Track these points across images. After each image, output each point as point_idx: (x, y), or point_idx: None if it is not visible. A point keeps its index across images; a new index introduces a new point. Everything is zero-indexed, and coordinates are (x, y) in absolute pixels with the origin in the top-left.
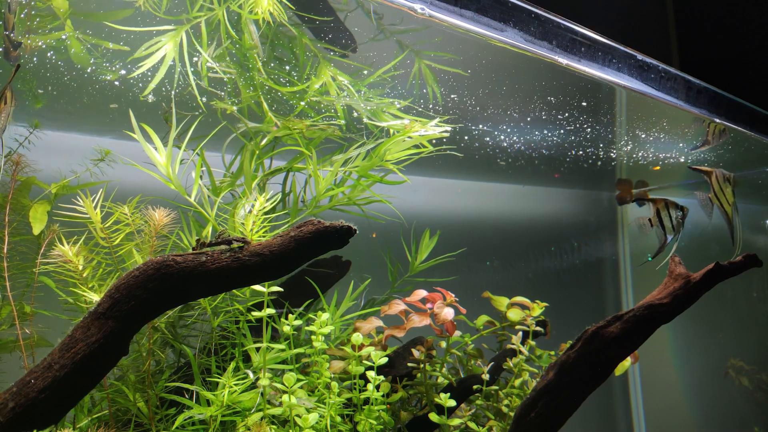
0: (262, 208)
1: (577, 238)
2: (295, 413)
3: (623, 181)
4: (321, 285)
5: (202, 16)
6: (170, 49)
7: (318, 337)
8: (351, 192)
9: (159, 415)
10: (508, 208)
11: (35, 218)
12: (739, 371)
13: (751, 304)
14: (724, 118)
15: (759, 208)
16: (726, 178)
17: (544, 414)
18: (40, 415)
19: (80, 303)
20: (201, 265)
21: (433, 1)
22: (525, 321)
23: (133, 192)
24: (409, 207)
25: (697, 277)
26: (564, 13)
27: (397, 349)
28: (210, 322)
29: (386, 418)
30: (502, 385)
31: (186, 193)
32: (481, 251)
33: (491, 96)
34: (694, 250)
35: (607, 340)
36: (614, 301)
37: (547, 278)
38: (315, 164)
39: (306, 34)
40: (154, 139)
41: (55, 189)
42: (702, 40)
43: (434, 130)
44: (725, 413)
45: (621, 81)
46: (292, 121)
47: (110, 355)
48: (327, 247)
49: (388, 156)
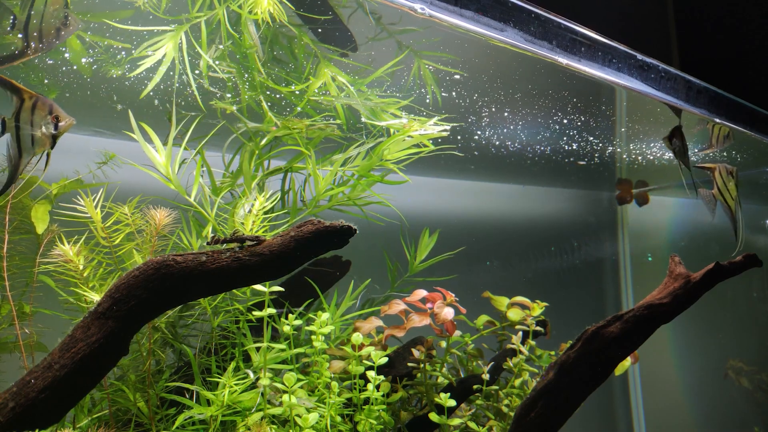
0: (262, 208)
1: (577, 238)
2: (295, 413)
3: (623, 181)
4: (321, 285)
5: (202, 16)
6: (170, 48)
7: (318, 336)
8: (351, 192)
9: (159, 415)
10: (508, 208)
11: (37, 218)
12: (739, 372)
13: (751, 304)
14: (724, 118)
15: (759, 208)
16: (729, 172)
17: (544, 414)
18: (41, 415)
19: (80, 303)
20: (201, 265)
21: (433, 1)
22: (525, 321)
23: (133, 192)
24: (409, 207)
25: (697, 277)
26: (564, 13)
27: (397, 349)
28: (210, 321)
29: (386, 418)
30: (502, 385)
31: (186, 193)
32: (481, 251)
33: (491, 95)
34: (694, 250)
35: (607, 340)
36: (614, 301)
37: (547, 278)
38: (314, 164)
39: (306, 34)
40: (153, 139)
41: (56, 189)
42: (702, 40)
43: (433, 129)
44: (725, 413)
45: (621, 81)
46: (291, 121)
47: (110, 355)
48: (327, 247)
49: (387, 155)
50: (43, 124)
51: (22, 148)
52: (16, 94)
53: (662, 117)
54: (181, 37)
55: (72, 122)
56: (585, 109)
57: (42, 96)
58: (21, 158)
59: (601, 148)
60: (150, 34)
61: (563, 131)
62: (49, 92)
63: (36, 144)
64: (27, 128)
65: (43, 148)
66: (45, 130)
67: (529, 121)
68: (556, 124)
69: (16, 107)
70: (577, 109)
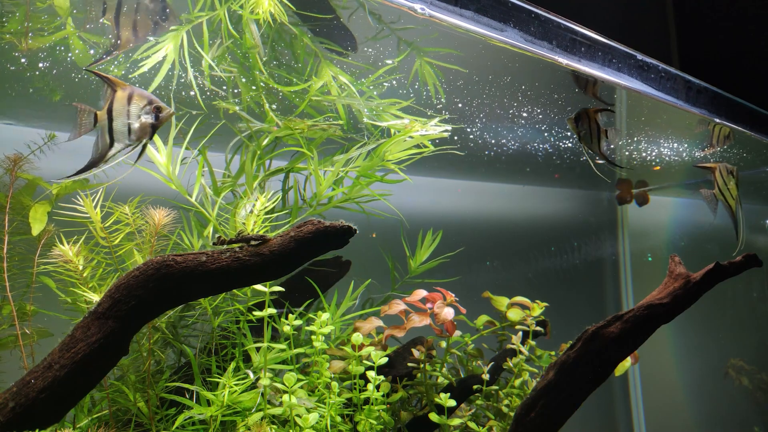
0: (264, 208)
1: (577, 238)
2: (296, 413)
3: (623, 181)
4: (321, 285)
5: (204, 16)
6: (171, 49)
7: (318, 337)
8: (351, 192)
9: (159, 415)
10: (508, 208)
11: (35, 218)
12: (739, 371)
13: (751, 304)
14: (725, 118)
15: (759, 208)
16: (729, 171)
17: (544, 414)
18: (41, 414)
19: (80, 303)
20: (201, 265)
21: (433, 1)
22: (525, 321)
23: (133, 192)
24: (409, 207)
25: (697, 277)
26: (564, 13)
27: (397, 349)
28: (210, 322)
29: (386, 418)
30: (502, 385)
31: (187, 192)
32: (481, 251)
33: (491, 96)
34: (694, 250)
35: (607, 340)
36: (614, 301)
37: (547, 278)
38: (316, 164)
39: (306, 34)
40: (154, 138)
41: (56, 189)
42: (702, 40)
43: (435, 129)
44: (725, 413)
45: (621, 81)
46: (293, 121)
47: (110, 355)
48: (327, 247)
49: (388, 156)
50: (143, 114)
51: (116, 138)
52: (110, 86)
53: (665, 115)
54: (182, 37)
55: (172, 112)
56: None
57: (137, 88)
58: (110, 148)
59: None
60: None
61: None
62: (53, 94)
63: (134, 134)
64: (122, 119)
65: (142, 138)
66: (145, 120)
67: (529, 120)
68: (556, 123)
69: (108, 99)
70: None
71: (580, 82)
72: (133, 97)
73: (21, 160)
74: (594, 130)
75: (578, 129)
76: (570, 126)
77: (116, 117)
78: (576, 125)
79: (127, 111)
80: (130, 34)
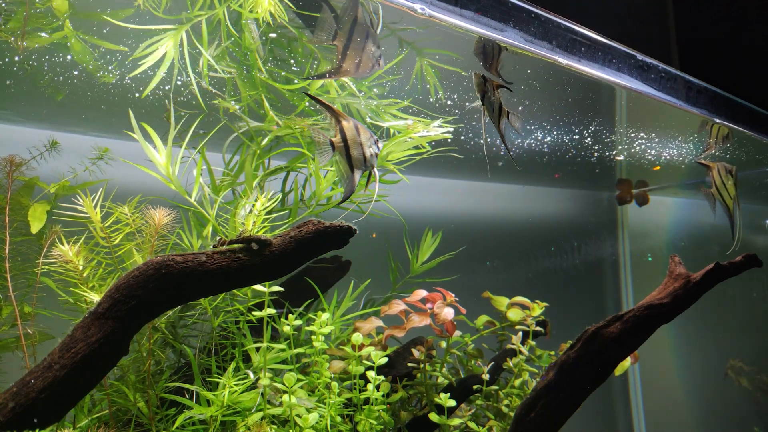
0: (264, 208)
1: (577, 238)
2: (295, 413)
3: (623, 181)
4: (321, 285)
5: (203, 15)
6: (170, 47)
7: (318, 337)
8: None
9: (159, 415)
10: (508, 208)
11: (34, 217)
12: (739, 372)
13: (751, 304)
14: (724, 118)
15: (759, 208)
16: (728, 171)
17: (544, 414)
18: (41, 414)
19: (80, 303)
20: (201, 265)
21: (433, 2)
22: (525, 321)
23: (133, 192)
24: (409, 207)
25: (697, 277)
26: (564, 13)
27: (397, 349)
28: (210, 322)
29: (386, 418)
30: (502, 385)
31: (186, 192)
32: (482, 251)
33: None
34: (694, 250)
35: (607, 340)
36: (614, 301)
37: (547, 278)
38: (317, 164)
39: (305, 34)
40: (154, 138)
41: (55, 189)
42: (702, 40)
43: (436, 130)
44: (725, 413)
45: (621, 81)
46: (293, 120)
47: (110, 355)
48: (327, 247)
49: (390, 157)
50: (371, 144)
51: (355, 165)
52: (334, 116)
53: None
54: (181, 36)
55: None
56: (585, 108)
57: (353, 119)
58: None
59: (600, 148)
60: (150, 33)
61: (563, 131)
62: (56, 94)
63: (367, 163)
64: (357, 148)
65: (373, 165)
66: (373, 150)
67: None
68: (556, 123)
69: (336, 129)
70: (577, 108)
71: (487, 56)
72: (359, 128)
73: (21, 165)
74: (496, 104)
75: (483, 88)
76: (475, 81)
77: (352, 146)
78: (482, 86)
79: (360, 142)
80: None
